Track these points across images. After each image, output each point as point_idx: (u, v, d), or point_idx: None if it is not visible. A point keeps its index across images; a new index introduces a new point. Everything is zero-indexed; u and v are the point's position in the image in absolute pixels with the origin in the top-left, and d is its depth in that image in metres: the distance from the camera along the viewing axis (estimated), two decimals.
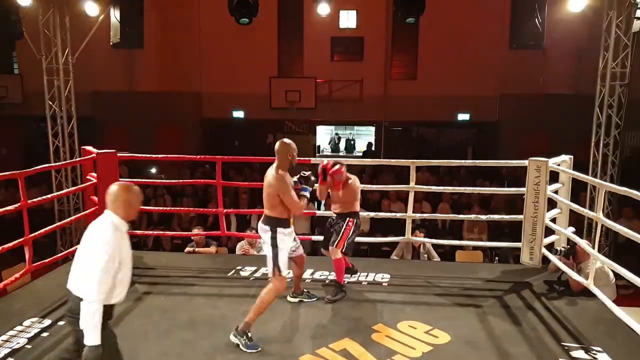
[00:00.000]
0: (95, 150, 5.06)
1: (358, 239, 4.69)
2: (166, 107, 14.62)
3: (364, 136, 17.23)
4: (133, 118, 14.14)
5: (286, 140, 3.72)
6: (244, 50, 14.86)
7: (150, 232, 7.23)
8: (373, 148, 15.54)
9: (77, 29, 7.77)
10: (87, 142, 5.63)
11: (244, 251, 5.92)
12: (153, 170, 10.30)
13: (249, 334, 3.41)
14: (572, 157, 4.99)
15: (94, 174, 5.08)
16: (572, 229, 4.75)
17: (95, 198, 5.07)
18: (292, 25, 15.50)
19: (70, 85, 7.59)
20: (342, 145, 17.41)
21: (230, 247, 7.05)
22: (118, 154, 5.08)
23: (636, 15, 5.79)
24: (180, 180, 6.33)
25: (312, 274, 4.83)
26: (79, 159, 6.13)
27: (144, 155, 5.32)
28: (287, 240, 3.65)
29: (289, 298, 4.18)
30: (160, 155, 5.28)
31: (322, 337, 3.58)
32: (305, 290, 4.26)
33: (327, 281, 4.61)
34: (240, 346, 3.36)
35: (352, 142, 17.07)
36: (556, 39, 12.26)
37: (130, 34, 7.29)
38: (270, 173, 3.62)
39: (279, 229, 3.58)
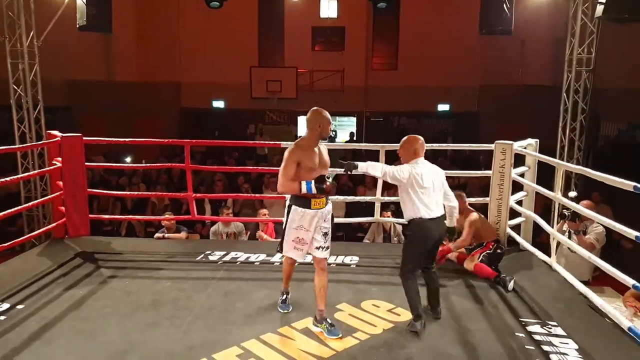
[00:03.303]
0: (60, 134, 4.99)
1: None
2: (145, 97, 14.48)
3: (346, 127, 17.24)
4: (111, 108, 13.98)
5: (317, 108, 3.42)
6: (224, 40, 14.77)
7: (120, 217, 7.15)
8: (355, 138, 15.57)
9: (44, 11, 7.59)
10: (63, 132, 5.50)
11: (217, 236, 5.91)
12: (128, 160, 10.20)
13: (329, 320, 3.37)
14: (537, 140, 5.06)
15: (60, 159, 5.00)
16: (574, 193, 4.83)
17: (61, 183, 5.00)
18: (272, 15, 15.43)
19: (36, 70, 7.41)
20: None
21: (205, 234, 7.01)
22: (84, 138, 5.01)
23: (600, 0, 5.86)
24: (148, 165, 6.26)
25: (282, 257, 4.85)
26: (43, 142, 6.02)
27: (111, 139, 5.25)
28: (302, 220, 3.34)
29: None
30: (127, 139, 5.23)
31: (286, 317, 3.59)
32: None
33: None
34: (325, 333, 3.33)
35: (333, 134, 17.08)
36: (533, 31, 12.40)
37: (98, 17, 7.10)
38: None
39: (293, 206, 3.37)
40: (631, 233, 2.91)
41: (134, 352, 3.08)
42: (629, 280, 3.00)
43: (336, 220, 3.86)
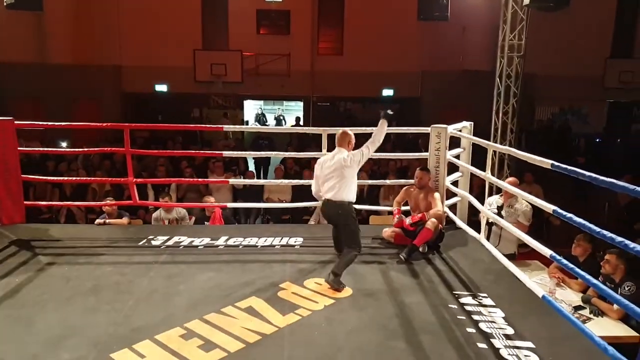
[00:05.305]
0: None
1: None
2: (83, 80, 13.86)
3: (294, 111, 17.27)
4: (46, 92, 13.27)
5: None
6: (166, 21, 14.32)
7: (58, 203, 6.88)
8: (301, 123, 15.61)
9: None
10: None
11: (159, 222, 5.83)
12: (64, 145, 9.77)
13: None
14: (472, 123, 5.31)
15: None
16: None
17: None
18: None
19: None
20: (271, 121, 17.36)
21: (148, 220, 6.89)
22: (15, 122, 4.79)
23: None
24: (85, 149, 6.00)
25: (227, 240, 4.88)
26: None
27: (45, 123, 5.04)
28: None
29: None
30: (62, 124, 5.04)
31: (229, 297, 3.63)
32: None
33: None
34: None
35: (281, 118, 17.06)
36: (472, 17, 12.83)
37: None
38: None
39: None
40: (549, 207, 3.16)
41: (73, 337, 3.04)
42: (546, 251, 3.26)
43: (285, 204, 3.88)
